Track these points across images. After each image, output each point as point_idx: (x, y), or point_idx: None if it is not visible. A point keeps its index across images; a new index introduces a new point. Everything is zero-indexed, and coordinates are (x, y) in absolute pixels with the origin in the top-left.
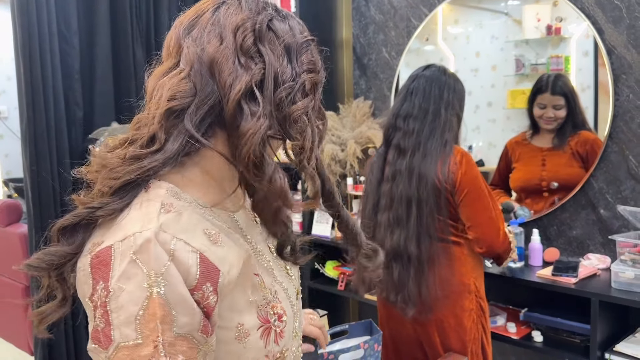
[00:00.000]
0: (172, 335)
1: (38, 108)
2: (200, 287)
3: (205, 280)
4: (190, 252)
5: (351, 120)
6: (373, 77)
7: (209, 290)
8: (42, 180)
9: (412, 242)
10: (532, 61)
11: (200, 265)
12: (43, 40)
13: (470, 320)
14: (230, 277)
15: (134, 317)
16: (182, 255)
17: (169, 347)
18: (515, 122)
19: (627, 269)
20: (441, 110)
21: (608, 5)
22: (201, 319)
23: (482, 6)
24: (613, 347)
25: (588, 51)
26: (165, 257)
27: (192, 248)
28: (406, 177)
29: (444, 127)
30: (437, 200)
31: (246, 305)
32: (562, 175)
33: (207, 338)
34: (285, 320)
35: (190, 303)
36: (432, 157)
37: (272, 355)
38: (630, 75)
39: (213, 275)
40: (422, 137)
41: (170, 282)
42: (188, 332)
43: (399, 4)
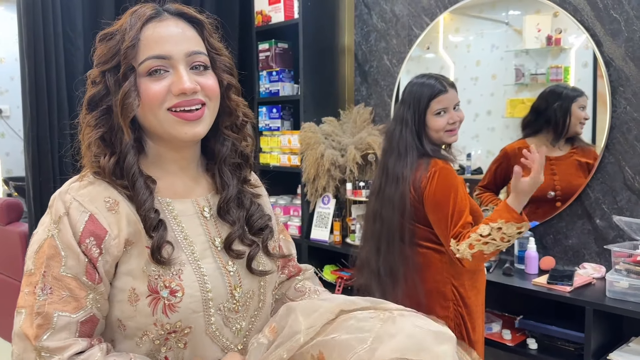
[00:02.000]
0: (59, 272)
1: (42, 108)
2: (84, 240)
3: (89, 235)
4: (82, 212)
5: (351, 126)
6: (374, 84)
7: (92, 244)
8: (43, 180)
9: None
10: (532, 71)
11: (87, 223)
12: (48, 41)
13: None
14: (119, 239)
15: (33, 252)
16: (74, 212)
17: (55, 281)
18: (513, 131)
19: (621, 279)
20: (396, 129)
21: (607, 18)
22: (86, 265)
23: (483, 16)
24: (607, 355)
25: (587, 62)
26: (62, 210)
27: (85, 209)
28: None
29: (399, 142)
30: (401, 201)
31: (140, 274)
32: (575, 185)
33: (95, 285)
34: (181, 297)
35: (75, 250)
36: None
37: (162, 325)
38: (627, 87)
39: (99, 233)
40: (401, 145)
41: (61, 230)
42: (75, 273)
43: (400, 13)
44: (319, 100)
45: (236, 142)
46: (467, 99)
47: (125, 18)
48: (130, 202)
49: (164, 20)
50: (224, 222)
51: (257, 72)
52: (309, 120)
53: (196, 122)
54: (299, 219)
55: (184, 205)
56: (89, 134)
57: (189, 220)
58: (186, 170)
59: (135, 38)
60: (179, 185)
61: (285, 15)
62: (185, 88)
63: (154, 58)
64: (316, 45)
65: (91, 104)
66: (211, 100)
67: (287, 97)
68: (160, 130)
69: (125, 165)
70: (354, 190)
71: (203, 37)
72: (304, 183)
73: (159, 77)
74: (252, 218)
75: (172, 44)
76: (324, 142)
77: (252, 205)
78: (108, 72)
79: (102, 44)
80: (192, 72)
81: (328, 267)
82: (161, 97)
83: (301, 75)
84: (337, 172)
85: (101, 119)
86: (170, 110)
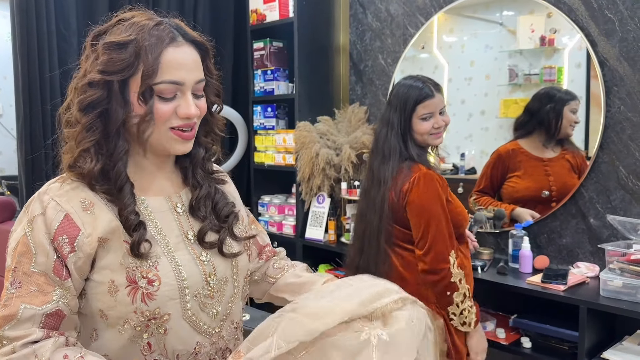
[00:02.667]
0: (30, 269)
1: (35, 107)
2: (57, 238)
3: (63, 233)
4: (59, 211)
5: (346, 125)
6: (369, 83)
7: (65, 242)
8: (36, 178)
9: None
10: (526, 71)
11: (62, 222)
12: (42, 39)
13: None
14: (91, 237)
15: (12, 250)
16: (50, 212)
17: (25, 276)
18: (507, 131)
19: (615, 278)
20: (382, 131)
21: (601, 18)
22: (54, 262)
23: (477, 16)
24: (600, 354)
25: (581, 63)
26: (39, 211)
27: (62, 208)
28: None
29: (384, 145)
30: (391, 210)
31: (118, 266)
32: (569, 185)
33: (62, 281)
34: (158, 286)
35: (46, 248)
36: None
37: (142, 312)
38: (621, 87)
39: (72, 232)
40: (385, 148)
41: (34, 229)
42: (44, 270)
43: (395, 12)
44: (314, 99)
45: (208, 146)
46: (460, 99)
47: (136, 29)
48: (108, 203)
49: (180, 46)
50: (195, 217)
51: (252, 70)
52: (304, 119)
53: (189, 140)
54: (293, 218)
55: (158, 202)
56: (84, 136)
57: (162, 216)
58: (162, 169)
59: (157, 62)
60: (154, 183)
61: (280, 14)
62: (191, 114)
63: (169, 83)
64: (311, 44)
65: (87, 107)
66: (199, 119)
67: (282, 96)
68: (155, 142)
69: (115, 171)
70: (348, 190)
71: (204, 62)
72: (299, 182)
73: (168, 99)
74: (217, 206)
75: (186, 71)
76: (319, 141)
77: (216, 194)
78: (115, 81)
79: (111, 52)
80: (193, 97)
81: (323, 266)
82: (168, 117)
83: (296, 74)
84: (332, 171)
85: (95, 122)
86: (171, 128)
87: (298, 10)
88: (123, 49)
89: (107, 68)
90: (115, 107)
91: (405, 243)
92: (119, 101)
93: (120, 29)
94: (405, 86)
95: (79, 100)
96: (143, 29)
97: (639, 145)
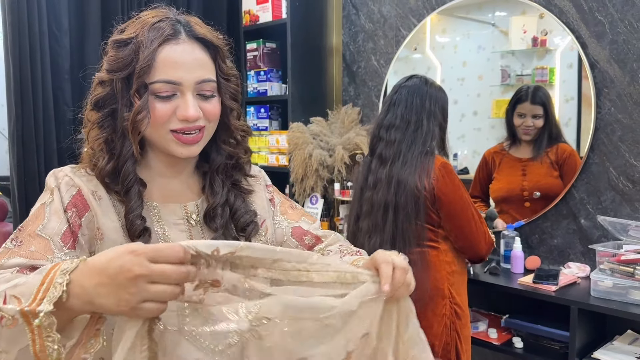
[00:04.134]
0: (35, 231)
1: (27, 107)
2: (69, 209)
3: (73, 206)
4: (71, 186)
5: (339, 126)
6: (362, 85)
7: (74, 215)
8: (28, 180)
9: (387, 247)
10: (518, 72)
11: (73, 197)
12: (33, 39)
13: (441, 325)
14: (93, 221)
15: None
16: (64, 185)
17: (28, 237)
18: (499, 132)
19: (606, 278)
20: (423, 120)
21: (592, 20)
22: (65, 229)
23: (469, 17)
24: (591, 354)
25: (572, 64)
26: (54, 183)
27: (75, 183)
28: (385, 184)
29: (426, 137)
30: (415, 206)
31: None
32: (543, 185)
33: (65, 248)
34: None
35: (61, 215)
36: (412, 166)
37: None
38: (612, 89)
39: (82, 207)
40: (403, 146)
41: (54, 200)
42: (50, 235)
43: (388, 14)
44: (307, 100)
45: (232, 154)
46: (453, 99)
47: (139, 25)
48: (116, 203)
49: (180, 43)
50: (209, 227)
51: (245, 71)
52: (297, 120)
53: (192, 144)
54: None
55: (171, 210)
56: (95, 134)
57: (173, 226)
58: (180, 174)
59: (151, 59)
60: (170, 189)
61: (273, 15)
62: (189, 116)
63: (164, 82)
64: (304, 45)
65: (97, 104)
66: (210, 122)
67: (275, 97)
68: (159, 144)
69: (123, 171)
70: (341, 190)
71: (215, 62)
72: (292, 183)
73: (166, 99)
74: (236, 214)
75: (184, 70)
76: (312, 142)
77: (236, 201)
78: (117, 79)
79: (115, 50)
80: (198, 98)
81: None
82: (166, 118)
83: (289, 75)
84: (325, 172)
85: (106, 120)
86: (172, 131)
87: (291, 11)
88: (125, 46)
89: (111, 66)
90: (120, 106)
91: (423, 240)
92: (123, 100)
93: (128, 24)
94: (442, 92)
95: (90, 99)
96: (144, 26)
97: (629, 146)
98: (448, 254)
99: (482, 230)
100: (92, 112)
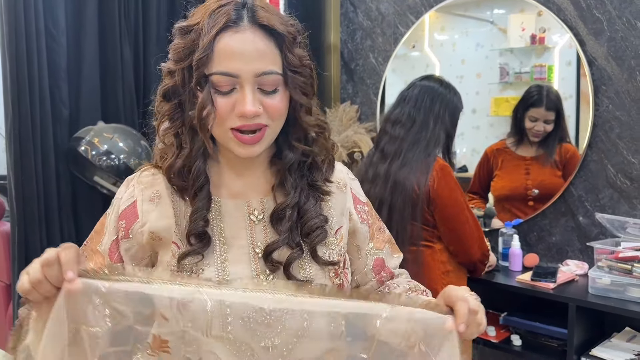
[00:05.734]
0: (97, 247)
1: (24, 106)
2: (119, 221)
3: (124, 217)
4: (131, 196)
5: (338, 124)
6: (360, 82)
7: (122, 226)
8: (25, 179)
9: None
10: (517, 69)
11: (128, 207)
12: (30, 38)
13: None
14: (144, 228)
15: None
16: (126, 195)
17: (91, 253)
18: (498, 129)
19: (603, 275)
20: (429, 122)
21: (590, 17)
22: (111, 244)
23: (468, 14)
24: (589, 351)
25: (571, 61)
26: (121, 194)
27: (134, 194)
28: (383, 181)
29: (430, 141)
30: (411, 209)
31: (165, 267)
32: (547, 184)
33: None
34: None
35: (114, 228)
36: (411, 168)
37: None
38: (610, 86)
39: (131, 218)
40: (405, 145)
41: (114, 210)
42: (104, 251)
43: (386, 11)
44: None
45: (307, 152)
46: None
47: (203, 11)
48: (177, 200)
49: (240, 31)
50: (275, 228)
51: None
52: None
53: (252, 145)
54: None
55: (233, 205)
56: (165, 126)
57: (233, 222)
58: (251, 168)
59: (208, 49)
60: (237, 185)
61: None
62: (247, 112)
63: (221, 74)
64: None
65: (166, 96)
66: (274, 121)
67: None
68: (221, 142)
69: (193, 170)
70: None
71: (282, 51)
72: None
73: (226, 94)
74: (304, 217)
75: (243, 61)
76: None
77: (307, 203)
78: (180, 70)
79: (179, 37)
80: (259, 92)
81: None
82: (226, 115)
83: None
84: None
85: (176, 112)
86: (232, 129)
87: (289, 9)
88: (187, 34)
89: (174, 55)
90: (186, 99)
91: (418, 239)
92: (188, 92)
93: (194, 10)
94: (458, 97)
95: (160, 89)
96: (207, 11)
97: (627, 143)
98: (443, 253)
99: (477, 235)
100: (163, 103)
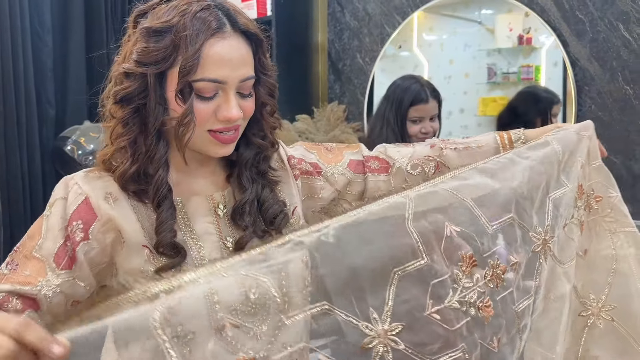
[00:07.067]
0: (32, 252)
1: (9, 105)
2: (72, 222)
3: (78, 217)
4: (78, 194)
5: (325, 124)
6: (347, 82)
7: (79, 227)
8: (10, 177)
9: None
10: (504, 70)
11: (80, 205)
12: (16, 37)
13: None
14: (106, 227)
15: None
16: (71, 195)
17: (24, 259)
18: (486, 129)
19: None
20: (377, 125)
21: (572, 18)
22: (59, 248)
23: (456, 15)
24: None
25: (557, 62)
26: (62, 194)
27: (82, 191)
28: None
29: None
30: None
31: (138, 273)
32: None
33: (58, 270)
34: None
35: (56, 233)
36: None
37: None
38: (592, 86)
39: (88, 218)
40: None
41: (53, 212)
42: (45, 255)
43: (373, 11)
44: (293, 98)
45: (261, 147)
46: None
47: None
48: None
49: (226, 37)
50: (237, 225)
51: None
52: (283, 118)
53: (230, 144)
54: None
55: (197, 203)
56: (119, 132)
57: (199, 220)
58: (205, 166)
59: (198, 56)
60: (194, 182)
61: (258, 12)
62: (233, 117)
63: (209, 81)
64: (289, 43)
65: (122, 100)
66: (245, 121)
67: None
68: (192, 145)
69: (156, 180)
70: None
71: (256, 55)
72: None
73: (207, 99)
74: (263, 206)
75: (230, 68)
76: (298, 139)
77: (263, 192)
78: (152, 74)
79: (147, 39)
80: (237, 96)
81: None
82: (205, 119)
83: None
84: None
85: (132, 118)
86: (209, 131)
87: (276, 8)
88: (160, 36)
89: (142, 58)
90: (153, 104)
91: None
92: (157, 97)
93: (162, 10)
94: (403, 87)
95: (115, 92)
96: (185, 14)
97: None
98: None
99: None
100: (117, 107)
